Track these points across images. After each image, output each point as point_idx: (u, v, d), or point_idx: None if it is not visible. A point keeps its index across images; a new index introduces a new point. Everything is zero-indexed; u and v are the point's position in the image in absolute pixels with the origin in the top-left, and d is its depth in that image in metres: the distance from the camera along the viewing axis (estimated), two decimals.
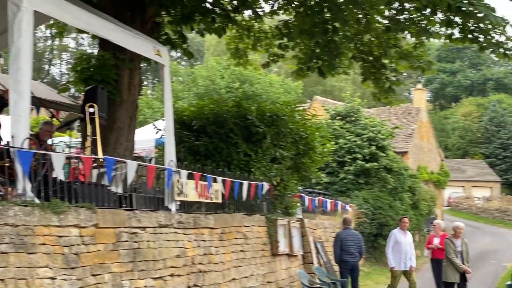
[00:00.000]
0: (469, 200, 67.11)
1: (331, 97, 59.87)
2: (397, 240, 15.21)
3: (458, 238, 13.87)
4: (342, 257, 15.21)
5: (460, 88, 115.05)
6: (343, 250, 15.18)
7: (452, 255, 13.62)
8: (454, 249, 13.65)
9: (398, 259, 15.17)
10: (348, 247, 15.17)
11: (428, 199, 34.77)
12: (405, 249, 15.20)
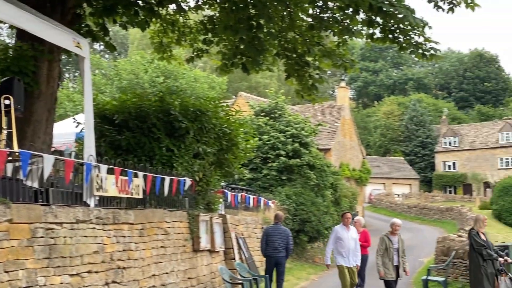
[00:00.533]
0: (389, 196, 68.73)
1: (256, 93, 60.10)
2: (339, 236, 14.57)
3: (395, 235, 14.11)
4: (267, 252, 15.52)
5: (382, 87, 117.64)
6: (268, 245, 15.47)
7: (378, 254, 13.84)
8: (391, 245, 13.84)
9: (341, 255, 14.51)
10: (273, 242, 15.43)
11: (350, 196, 35.42)
12: (348, 245, 14.50)
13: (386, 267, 13.85)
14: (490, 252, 12.45)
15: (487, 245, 12.60)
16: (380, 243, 14.08)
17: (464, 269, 17.98)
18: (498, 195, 47.22)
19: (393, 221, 14.50)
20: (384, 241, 13.99)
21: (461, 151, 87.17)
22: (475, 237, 12.66)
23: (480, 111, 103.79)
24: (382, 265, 13.85)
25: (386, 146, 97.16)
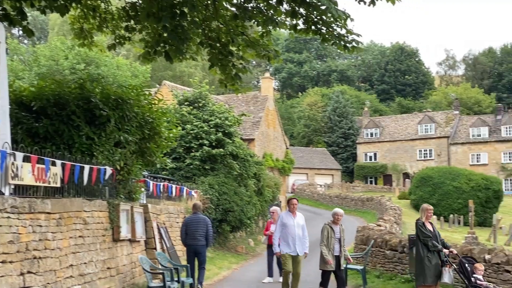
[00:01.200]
0: (311, 187, 69.63)
1: (180, 82, 59.75)
2: (284, 223, 14.02)
3: (337, 224, 14.07)
4: (187, 241, 15.63)
5: (307, 78, 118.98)
6: (188, 235, 15.58)
7: (322, 244, 13.70)
8: (333, 235, 13.72)
9: (286, 243, 13.98)
10: (193, 231, 15.52)
11: (273, 186, 35.68)
12: (294, 232, 13.94)
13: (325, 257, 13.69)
14: (435, 243, 12.49)
15: (433, 236, 12.64)
16: (322, 233, 13.90)
17: (382, 258, 18.44)
18: (416, 185, 48.59)
19: (336, 210, 14.28)
20: (326, 230, 13.82)
21: (382, 142, 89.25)
22: (421, 228, 12.67)
23: (401, 104, 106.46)
24: (328, 254, 13.66)
25: (310, 136, 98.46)
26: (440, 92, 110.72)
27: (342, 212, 14.47)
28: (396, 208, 36.15)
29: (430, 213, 12.93)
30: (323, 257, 13.67)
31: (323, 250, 13.66)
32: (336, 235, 13.87)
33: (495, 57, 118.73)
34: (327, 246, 13.80)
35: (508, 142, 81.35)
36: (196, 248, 15.54)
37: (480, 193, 45.15)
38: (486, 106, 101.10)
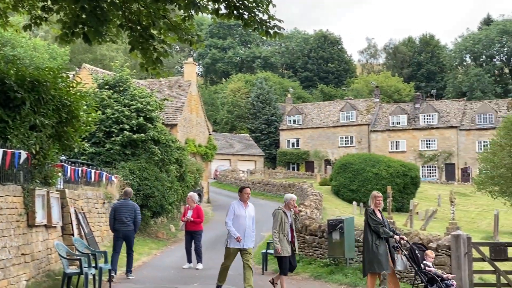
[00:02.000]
0: (234, 173, 69.74)
1: (101, 66, 58.66)
2: (236, 214, 13.29)
3: (289, 209, 13.64)
4: (115, 226, 15.89)
5: (230, 64, 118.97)
6: (116, 220, 15.85)
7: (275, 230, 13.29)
8: (286, 220, 13.36)
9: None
10: (121, 217, 15.82)
11: (195, 171, 35.54)
12: (245, 224, 13.27)
13: (281, 243, 13.33)
14: (386, 230, 12.43)
15: (383, 223, 12.59)
16: (276, 218, 13.53)
17: (302, 243, 18.64)
18: (337, 172, 49.32)
19: (290, 196, 13.86)
20: (280, 215, 13.42)
21: (305, 129, 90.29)
22: (371, 215, 12.58)
23: (323, 91, 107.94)
24: (279, 241, 13.29)
25: (233, 123, 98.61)
26: (361, 80, 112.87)
27: (296, 198, 14.14)
28: (317, 194, 36.63)
29: (378, 200, 12.85)
30: (273, 244, 13.37)
31: (275, 237, 13.26)
32: (289, 220, 13.52)
33: (415, 46, 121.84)
34: (281, 231, 13.35)
35: (425, 130, 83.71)
36: (125, 233, 15.83)
37: (398, 179, 46.24)
38: (406, 94, 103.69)
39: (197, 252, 18.07)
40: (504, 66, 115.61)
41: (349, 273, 15.36)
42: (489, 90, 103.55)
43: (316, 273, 16.30)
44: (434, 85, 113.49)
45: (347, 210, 39.35)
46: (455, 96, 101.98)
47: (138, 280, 15.55)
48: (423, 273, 12.10)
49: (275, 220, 13.47)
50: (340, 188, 47.60)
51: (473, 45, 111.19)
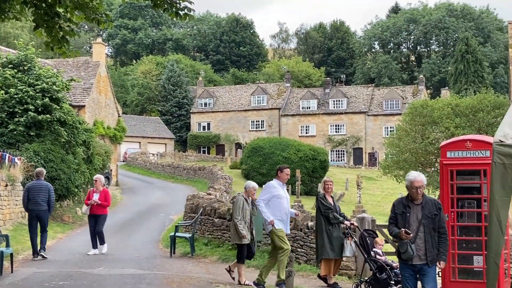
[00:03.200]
0: (144, 155, 68.98)
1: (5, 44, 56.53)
2: (276, 194, 12.34)
3: (249, 197, 13.08)
4: (28, 206, 16.14)
5: (141, 45, 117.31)
6: (30, 200, 16.08)
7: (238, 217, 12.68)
8: (247, 207, 12.83)
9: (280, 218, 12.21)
10: (35, 197, 16.03)
11: (103, 154, 34.84)
12: (286, 206, 12.45)
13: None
14: (336, 216, 12.32)
15: (334, 209, 12.47)
16: (237, 205, 12.96)
17: (211, 226, 18.58)
18: (247, 155, 49.48)
19: (252, 184, 13.15)
20: (241, 202, 12.87)
21: (216, 112, 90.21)
22: (322, 201, 12.45)
23: (235, 75, 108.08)
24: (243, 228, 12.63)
25: (143, 105, 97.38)
26: (273, 65, 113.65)
27: (257, 186, 13.42)
28: (227, 177, 36.68)
29: (328, 185, 12.73)
30: (239, 231, 12.58)
31: (239, 224, 12.59)
32: (249, 207, 12.94)
33: (326, 32, 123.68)
34: (243, 218, 12.72)
35: (335, 115, 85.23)
36: (38, 213, 16.07)
37: (307, 163, 46.79)
38: (316, 79, 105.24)
39: (99, 236, 17.70)
40: (411, 53, 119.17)
41: (257, 256, 15.38)
42: (396, 77, 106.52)
43: (224, 256, 16.28)
44: (344, 70, 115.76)
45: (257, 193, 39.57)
46: (364, 82, 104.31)
47: (42, 264, 15.10)
48: (372, 261, 11.80)
49: (236, 207, 12.84)
50: (251, 171, 47.77)
51: (381, 33, 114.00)
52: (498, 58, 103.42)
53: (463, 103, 42.54)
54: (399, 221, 8.54)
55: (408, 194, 8.64)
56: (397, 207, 8.65)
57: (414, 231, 8.37)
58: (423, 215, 8.47)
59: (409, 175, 8.74)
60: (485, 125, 39.47)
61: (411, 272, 8.42)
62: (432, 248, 8.39)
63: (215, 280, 12.73)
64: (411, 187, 8.57)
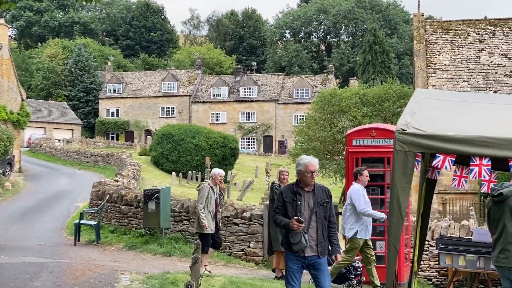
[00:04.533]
0: (49, 141, 67.07)
1: None
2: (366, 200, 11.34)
3: (216, 185, 12.78)
4: None
5: (47, 28, 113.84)
6: None
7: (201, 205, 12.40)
8: (212, 195, 12.54)
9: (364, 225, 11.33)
10: None
11: (5, 139, 33.61)
12: None
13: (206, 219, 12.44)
14: None
15: None
16: (202, 193, 12.59)
17: (118, 213, 18.24)
18: (157, 142, 48.95)
19: (218, 171, 12.90)
20: (207, 190, 12.53)
21: (125, 98, 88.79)
22: (277, 191, 12.03)
23: (145, 60, 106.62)
24: (205, 218, 12.35)
25: (49, 89, 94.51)
26: (184, 51, 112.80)
27: (223, 173, 13.18)
28: (135, 164, 36.15)
29: (283, 175, 12.57)
30: (200, 220, 12.36)
31: (202, 213, 12.34)
32: (215, 195, 12.68)
33: (237, 20, 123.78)
34: (207, 207, 12.46)
35: (245, 103, 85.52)
36: None
37: (218, 150, 46.74)
38: (227, 67, 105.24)
39: None
40: (321, 43, 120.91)
41: (164, 243, 15.25)
42: (306, 66, 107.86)
43: (130, 243, 16.02)
44: (255, 58, 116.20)
45: (166, 180, 39.22)
46: (275, 71, 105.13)
47: None
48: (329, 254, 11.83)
49: (201, 195, 12.55)
50: (160, 158, 47.30)
51: (292, 22, 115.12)
52: (404, 50, 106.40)
53: (370, 92, 43.53)
54: (288, 210, 7.69)
55: (298, 180, 7.80)
56: (286, 194, 7.77)
57: (306, 221, 7.61)
58: (315, 203, 7.73)
59: (302, 158, 7.85)
60: (390, 114, 40.53)
61: (300, 265, 7.70)
62: (323, 239, 7.74)
63: (120, 267, 12.47)
64: (305, 171, 7.70)
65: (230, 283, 10.91)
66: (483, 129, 7.94)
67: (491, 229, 7.55)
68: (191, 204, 15.93)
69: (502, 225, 7.37)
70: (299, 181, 7.79)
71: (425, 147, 7.95)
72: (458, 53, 32.77)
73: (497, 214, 7.43)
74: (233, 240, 14.76)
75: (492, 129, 7.95)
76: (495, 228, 7.41)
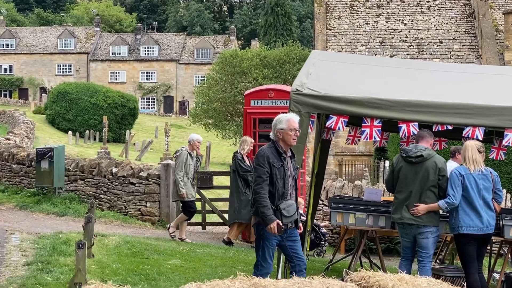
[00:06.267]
0: None
1: None
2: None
3: (194, 150, 12.25)
4: None
5: None
6: None
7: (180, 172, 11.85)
8: (191, 162, 12.00)
9: None
10: None
11: None
12: None
13: (186, 187, 11.94)
14: None
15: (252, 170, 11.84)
16: (180, 159, 12.02)
17: (9, 172, 17.64)
18: (53, 100, 47.54)
19: (196, 136, 12.36)
20: (185, 156, 11.99)
21: (19, 54, 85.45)
22: (240, 162, 11.79)
23: (40, 15, 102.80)
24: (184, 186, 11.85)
25: None
26: (82, 7, 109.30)
27: (202, 139, 12.62)
28: (29, 122, 34.97)
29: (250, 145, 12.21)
30: (179, 188, 11.87)
31: (180, 181, 11.85)
32: (193, 162, 12.16)
33: None
34: (185, 174, 11.93)
35: (146, 62, 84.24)
36: None
37: (116, 110, 45.93)
38: (127, 25, 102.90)
39: None
40: (223, 3, 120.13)
41: (58, 203, 14.90)
42: (208, 26, 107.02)
43: (22, 203, 15.53)
44: (156, 17, 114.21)
45: (63, 140, 38.22)
46: (176, 30, 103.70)
47: None
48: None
49: (179, 161, 11.99)
50: (56, 117, 45.99)
51: None
52: (306, 13, 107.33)
53: (271, 54, 43.85)
54: (276, 178, 6.74)
55: (275, 142, 6.87)
56: (272, 159, 6.74)
57: (291, 188, 6.91)
58: (294, 169, 7.02)
59: (282, 116, 6.94)
60: (291, 77, 41.02)
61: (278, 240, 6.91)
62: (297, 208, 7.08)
63: (10, 227, 12.09)
64: (288, 129, 6.80)
65: (125, 242, 10.81)
66: (375, 91, 8.14)
67: (399, 187, 7.67)
68: (86, 164, 15.62)
69: (414, 186, 7.52)
70: (277, 142, 6.86)
71: (319, 108, 8.09)
72: (357, 17, 33.44)
73: (410, 175, 7.56)
74: (129, 200, 14.61)
75: (384, 92, 8.18)
76: (404, 187, 7.54)
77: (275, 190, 6.74)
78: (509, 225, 8.13)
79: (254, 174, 6.80)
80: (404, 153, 7.66)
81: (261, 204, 6.63)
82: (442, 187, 7.48)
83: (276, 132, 6.82)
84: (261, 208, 6.63)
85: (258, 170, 6.75)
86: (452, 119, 7.77)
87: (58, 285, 7.63)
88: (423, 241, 7.50)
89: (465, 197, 7.40)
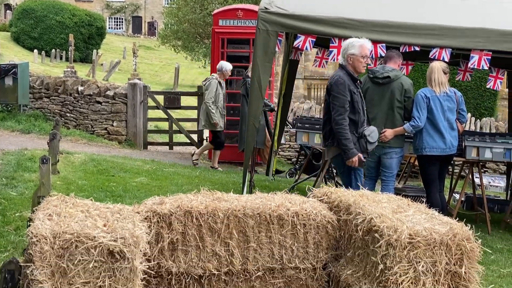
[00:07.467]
0: None
1: None
2: None
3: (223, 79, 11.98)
4: None
5: None
6: None
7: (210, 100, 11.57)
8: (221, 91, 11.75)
9: None
10: None
11: None
12: None
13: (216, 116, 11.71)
14: (267, 103, 11.14)
15: None
16: (210, 88, 11.64)
17: None
18: (17, 17, 46.36)
19: (226, 64, 11.90)
20: (215, 85, 11.62)
21: None
22: (248, 86, 10.92)
23: None
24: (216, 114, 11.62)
25: None
26: None
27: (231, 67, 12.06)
28: None
29: None
30: (211, 117, 11.62)
31: (212, 109, 11.60)
32: (223, 91, 11.83)
33: None
34: (215, 103, 11.67)
35: None
36: None
37: (83, 29, 44.99)
38: None
39: None
40: None
41: (23, 120, 14.75)
42: None
43: None
44: None
45: (28, 58, 37.42)
46: None
47: None
48: (307, 147, 11.48)
49: (210, 90, 11.65)
50: (21, 35, 44.92)
51: None
52: None
53: None
54: (357, 106, 6.64)
55: (346, 68, 6.67)
56: (348, 87, 6.53)
57: (363, 118, 6.78)
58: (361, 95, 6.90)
59: (354, 41, 6.63)
60: None
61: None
62: None
63: None
64: (360, 55, 6.59)
65: (91, 160, 10.81)
66: (344, 11, 8.05)
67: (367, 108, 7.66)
68: (51, 81, 15.41)
69: (380, 107, 7.50)
70: (346, 67, 6.67)
71: (287, 27, 8.01)
72: None
73: (377, 96, 7.52)
74: (96, 119, 14.54)
75: (353, 12, 8.08)
76: (371, 108, 7.42)
77: (358, 117, 6.62)
78: (470, 146, 8.27)
79: (335, 103, 6.53)
80: (371, 73, 7.63)
81: (344, 136, 6.48)
82: (407, 109, 7.51)
83: (346, 56, 6.62)
84: (344, 140, 6.48)
85: (339, 99, 6.50)
86: (419, 40, 7.75)
87: (23, 199, 7.64)
88: (387, 161, 7.58)
89: (430, 119, 7.45)
